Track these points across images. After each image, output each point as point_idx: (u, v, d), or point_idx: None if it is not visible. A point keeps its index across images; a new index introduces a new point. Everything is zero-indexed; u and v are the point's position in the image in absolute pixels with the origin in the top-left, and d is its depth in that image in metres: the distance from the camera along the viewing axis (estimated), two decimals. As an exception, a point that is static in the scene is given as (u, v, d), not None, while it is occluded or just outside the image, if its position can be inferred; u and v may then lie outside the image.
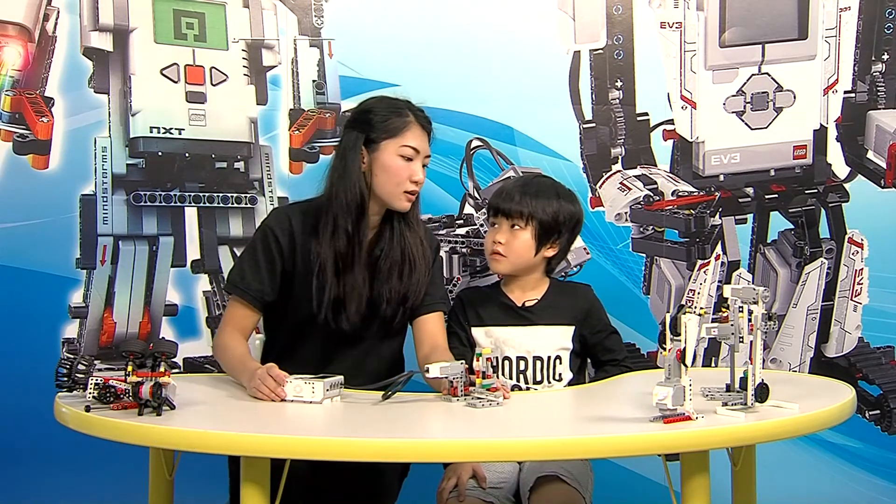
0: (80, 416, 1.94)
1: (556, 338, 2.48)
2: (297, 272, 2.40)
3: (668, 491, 1.91)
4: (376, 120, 2.40)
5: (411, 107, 2.44)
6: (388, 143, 2.38)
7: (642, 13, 3.22)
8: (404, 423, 2.01)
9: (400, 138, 2.38)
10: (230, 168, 3.18)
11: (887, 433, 3.24)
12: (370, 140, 2.39)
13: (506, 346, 2.47)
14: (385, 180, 2.38)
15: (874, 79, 3.24)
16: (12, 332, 3.03)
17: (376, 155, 2.38)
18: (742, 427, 1.85)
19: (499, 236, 2.51)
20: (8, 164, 3.06)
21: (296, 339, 2.42)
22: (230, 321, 2.41)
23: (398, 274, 2.41)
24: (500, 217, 2.52)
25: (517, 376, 2.45)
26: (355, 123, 2.43)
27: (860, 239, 3.24)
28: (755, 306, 1.91)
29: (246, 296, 2.40)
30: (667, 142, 3.24)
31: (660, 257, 3.24)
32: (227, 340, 2.37)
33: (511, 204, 2.50)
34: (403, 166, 2.38)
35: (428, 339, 2.45)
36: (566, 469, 2.26)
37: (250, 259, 2.42)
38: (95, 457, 2.86)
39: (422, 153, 2.40)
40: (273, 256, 2.40)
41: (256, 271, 2.40)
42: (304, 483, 2.13)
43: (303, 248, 2.39)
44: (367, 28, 3.19)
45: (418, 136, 2.40)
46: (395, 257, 2.42)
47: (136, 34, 3.12)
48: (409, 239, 2.43)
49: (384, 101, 2.45)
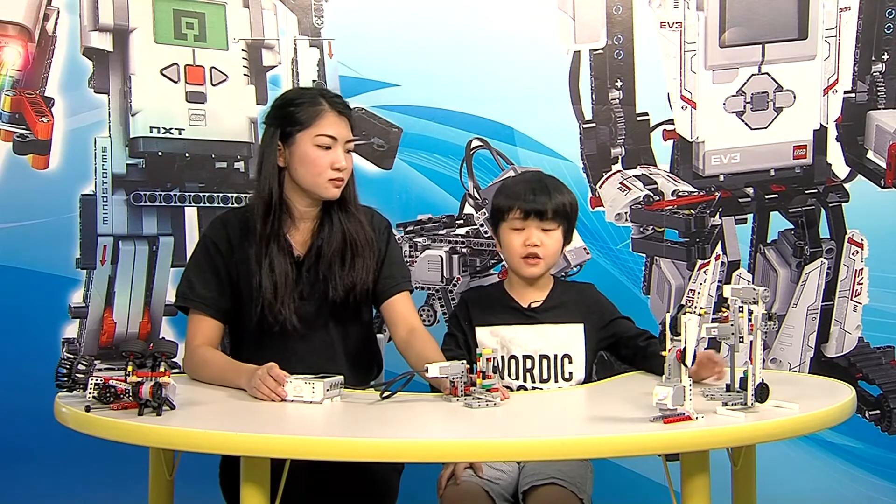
0: (80, 416, 1.94)
1: (564, 336, 2.46)
2: (241, 277, 2.38)
3: (668, 491, 1.91)
4: (288, 112, 2.38)
5: (325, 94, 2.42)
6: (303, 135, 2.36)
7: (642, 13, 3.22)
8: (404, 423, 2.01)
9: (314, 128, 2.35)
10: (230, 168, 3.18)
11: (887, 433, 3.24)
12: (286, 134, 2.37)
13: (512, 345, 2.45)
14: (305, 172, 2.36)
15: (874, 79, 3.24)
16: (12, 332, 3.03)
17: (293, 148, 2.37)
18: (742, 427, 1.85)
19: (534, 238, 2.44)
20: (8, 164, 3.06)
21: (258, 344, 2.39)
22: (195, 336, 2.38)
23: (340, 260, 2.38)
24: (531, 219, 2.44)
25: (524, 375, 2.44)
26: (270, 119, 2.43)
27: (860, 239, 3.24)
28: (755, 306, 1.91)
29: (200, 306, 2.38)
30: (667, 142, 3.24)
31: (660, 257, 3.24)
32: (203, 354, 2.34)
33: (543, 205, 2.43)
34: (321, 155, 2.35)
35: (401, 321, 2.43)
36: (563, 472, 2.26)
37: (195, 270, 2.41)
38: (95, 457, 2.86)
39: (340, 140, 2.37)
40: (216, 265, 2.39)
41: (204, 281, 2.39)
42: (300, 483, 2.13)
43: (240, 253, 2.38)
44: (367, 28, 3.19)
45: (334, 123, 2.37)
46: (336, 243, 2.39)
47: (136, 34, 3.12)
48: (348, 225, 2.41)
49: (295, 92, 2.46)
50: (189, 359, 2.38)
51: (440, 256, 3.20)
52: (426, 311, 3.21)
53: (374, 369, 2.55)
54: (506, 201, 2.47)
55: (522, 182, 2.53)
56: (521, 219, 2.44)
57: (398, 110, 3.20)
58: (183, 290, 2.42)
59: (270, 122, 2.42)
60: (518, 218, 2.45)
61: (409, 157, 3.20)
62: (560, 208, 2.45)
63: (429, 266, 3.22)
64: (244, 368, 2.21)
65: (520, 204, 2.44)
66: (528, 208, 2.43)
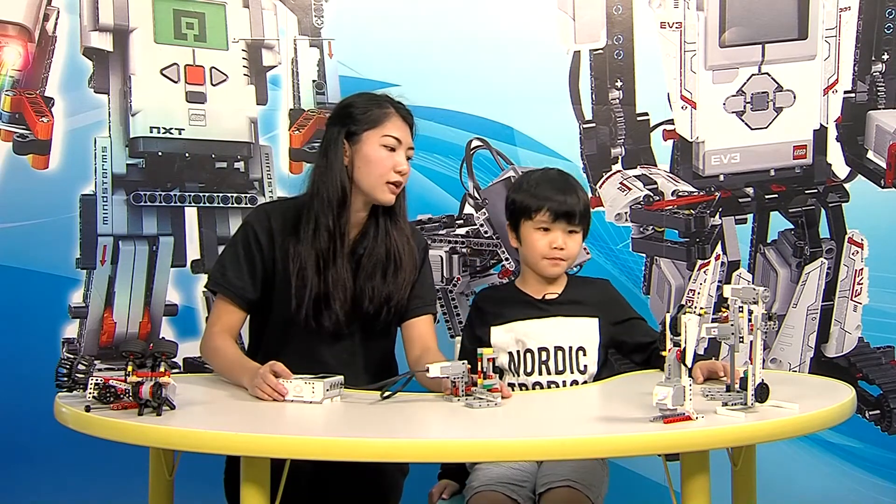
0: (80, 416, 1.94)
1: (579, 329, 2.45)
2: (277, 271, 2.38)
3: (668, 491, 1.91)
4: (357, 113, 2.39)
5: (391, 100, 2.43)
6: (370, 134, 2.37)
7: (642, 13, 3.22)
8: (404, 423, 2.01)
9: (381, 128, 2.37)
10: (230, 168, 3.18)
11: (887, 433, 3.24)
12: (352, 133, 2.38)
13: (527, 338, 2.44)
14: (368, 172, 2.36)
15: (874, 79, 3.24)
16: (12, 332, 3.03)
17: (358, 147, 2.37)
18: (742, 427, 1.85)
19: (560, 241, 2.43)
20: (8, 164, 3.06)
21: (279, 342, 2.39)
22: (216, 321, 2.40)
23: (382, 272, 2.39)
24: (559, 221, 2.43)
25: (539, 367, 2.43)
26: (336, 119, 2.43)
27: (860, 239, 3.24)
28: (755, 306, 1.91)
29: (229, 293, 2.38)
30: (667, 142, 3.24)
31: (660, 257, 3.24)
32: (218, 342, 2.35)
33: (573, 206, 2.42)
34: (386, 156, 2.36)
35: (418, 341, 2.43)
36: (578, 473, 2.25)
37: (231, 256, 2.41)
38: (95, 457, 2.86)
39: (404, 144, 2.39)
40: (253, 254, 2.39)
41: (238, 269, 2.38)
42: (305, 483, 2.13)
43: (281, 248, 2.38)
44: (367, 28, 3.19)
45: (399, 127, 2.39)
46: (379, 255, 2.39)
47: (136, 34, 3.12)
48: (395, 236, 2.41)
49: (364, 95, 2.46)
50: (206, 342, 2.39)
51: (440, 256, 3.20)
52: (426, 311, 3.21)
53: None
54: (533, 201, 2.44)
55: (547, 181, 2.48)
56: (549, 221, 2.43)
57: (398, 110, 3.19)
58: (215, 273, 2.42)
59: (335, 122, 2.42)
60: (546, 220, 2.43)
61: (409, 157, 3.20)
62: (585, 210, 2.46)
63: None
64: (248, 367, 2.21)
65: (550, 205, 2.42)
66: (558, 210, 2.42)
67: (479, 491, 2.28)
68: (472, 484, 2.32)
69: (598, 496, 2.29)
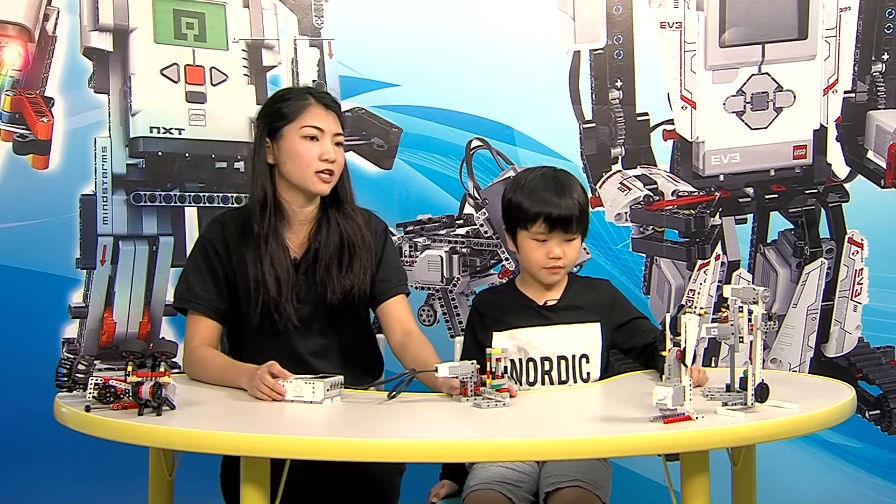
0: (80, 416, 1.94)
1: (581, 336, 2.42)
2: (239, 278, 2.38)
3: (668, 491, 1.91)
4: (275, 109, 2.39)
5: (311, 90, 2.44)
6: (290, 129, 2.36)
7: (642, 13, 3.22)
8: (405, 423, 2.01)
9: (299, 120, 2.36)
10: (230, 168, 3.18)
11: (887, 433, 3.24)
12: (273, 130, 2.37)
13: (529, 347, 2.42)
14: (293, 166, 2.35)
15: (874, 79, 3.24)
16: (12, 332, 3.04)
17: (280, 143, 2.36)
18: (742, 427, 1.85)
19: (557, 251, 2.38)
20: (8, 164, 3.06)
21: (258, 346, 2.37)
22: (194, 337, 2.38)
23: (338, 263, 2.38)
24: (555, 232, 2.36)
25: (542, 377, 2.42)
26: (258, 119, 2.45)
27: (860, 239, 3.24)
28: (755, 306, 1.91)
29: (200, 307, 2.37)
30: (667, 142, 3.24)
31: (660, 257, 3.24)
32: (202, 353, 2.34)
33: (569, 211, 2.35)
34: (308, 147, 2.34)
35: (397, 324, 2.42)
36: (585, 473, 2.25)
37: (194, 271, 2.40)
38: (95, 457, 2.87)
39: (328, 132, 2.36)
40: (214, 266, 2.38)
41: (203, 282, 2.38)
42: (305, 484, 2.13)
43: (237, 255, 2.38)
44: (367, 28, 3.19)
45: (320, 116, 2.37)
46: (333, 246, 2.38)
47: (136, 34, 3.12)
48: (346, 227, 2.40)
49: (283, 91, 2.48)
50: (188, 359, 2.37)
51: (440, 256, 3.20)
52: (426, 311, 3.21)
53: (376, 370, 2.55)
54: (529, 208, 2.37)
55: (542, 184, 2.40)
56: (545, 232, 2.37)
57: (398, 110, 3.20)
58: (181, 290, 2.41)
59: (258, 122, 2.44)
60: (543, 231, 2.36)
61: (409, 157, 3.20)
62: (582, 213, 2.39)
63: (429, 266, 3.22)
64: (244, 368, 2.21)
65: (545, 214, 2.35)
66: (554, 220, 2.35)
67: (475, 490, 2.28)
68: (470, 483, 2.31)
69: (606, 496, 2.29)
